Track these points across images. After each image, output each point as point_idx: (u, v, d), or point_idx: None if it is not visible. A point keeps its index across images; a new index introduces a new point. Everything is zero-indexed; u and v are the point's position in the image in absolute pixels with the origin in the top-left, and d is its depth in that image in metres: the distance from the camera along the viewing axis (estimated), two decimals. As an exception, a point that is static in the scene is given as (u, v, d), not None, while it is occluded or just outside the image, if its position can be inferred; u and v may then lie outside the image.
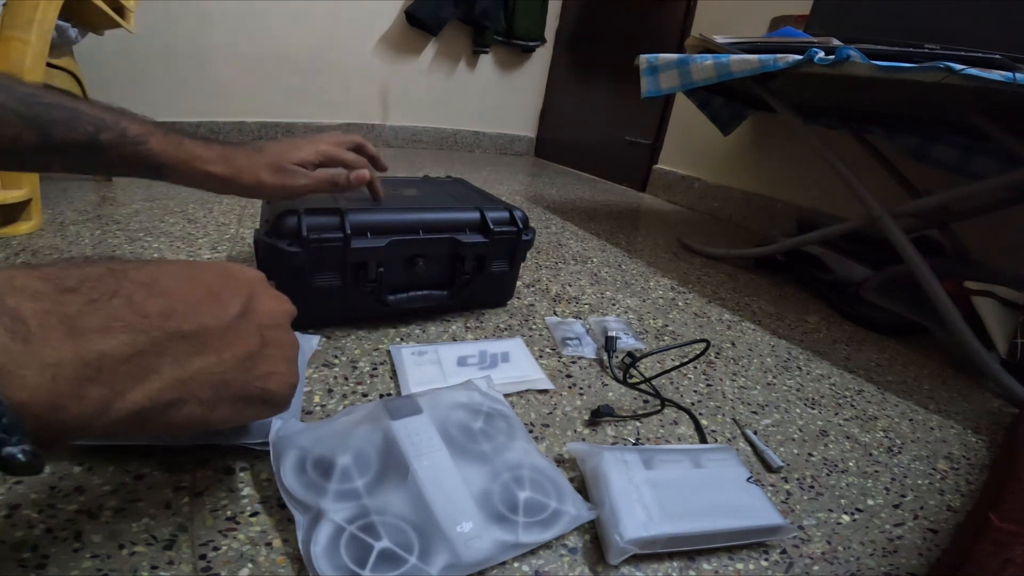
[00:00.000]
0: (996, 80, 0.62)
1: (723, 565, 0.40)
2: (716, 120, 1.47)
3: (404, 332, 0.68)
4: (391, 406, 0.45)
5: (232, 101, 1.92)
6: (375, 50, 2.15)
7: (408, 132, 2.36)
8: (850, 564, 0.42)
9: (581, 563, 0.38)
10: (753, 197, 1.65)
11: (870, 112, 1.14)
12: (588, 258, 1.10)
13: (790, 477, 0.52)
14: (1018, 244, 1.11)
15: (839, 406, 0.67)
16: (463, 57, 2.36)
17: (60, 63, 1.03)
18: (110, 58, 1.59)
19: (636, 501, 0.41)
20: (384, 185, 0.71)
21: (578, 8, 2.38)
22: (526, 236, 0.72)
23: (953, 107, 0.81)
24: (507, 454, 0.44)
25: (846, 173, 0.94)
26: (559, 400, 0.58)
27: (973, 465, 0.59)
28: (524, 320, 0.76)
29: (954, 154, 1.14)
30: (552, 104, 2.59)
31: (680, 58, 1.01)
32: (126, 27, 1.10)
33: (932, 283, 0.79)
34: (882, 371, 0.79)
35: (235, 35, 1.84)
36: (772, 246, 1.10)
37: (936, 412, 0.69)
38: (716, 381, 0.68)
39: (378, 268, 0.64)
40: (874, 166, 1.18)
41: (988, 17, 0.84)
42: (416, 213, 0.67)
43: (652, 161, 2.02)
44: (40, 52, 0.79)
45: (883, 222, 0.87)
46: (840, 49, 0.76)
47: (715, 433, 0.57)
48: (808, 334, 0.89)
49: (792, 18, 1.27)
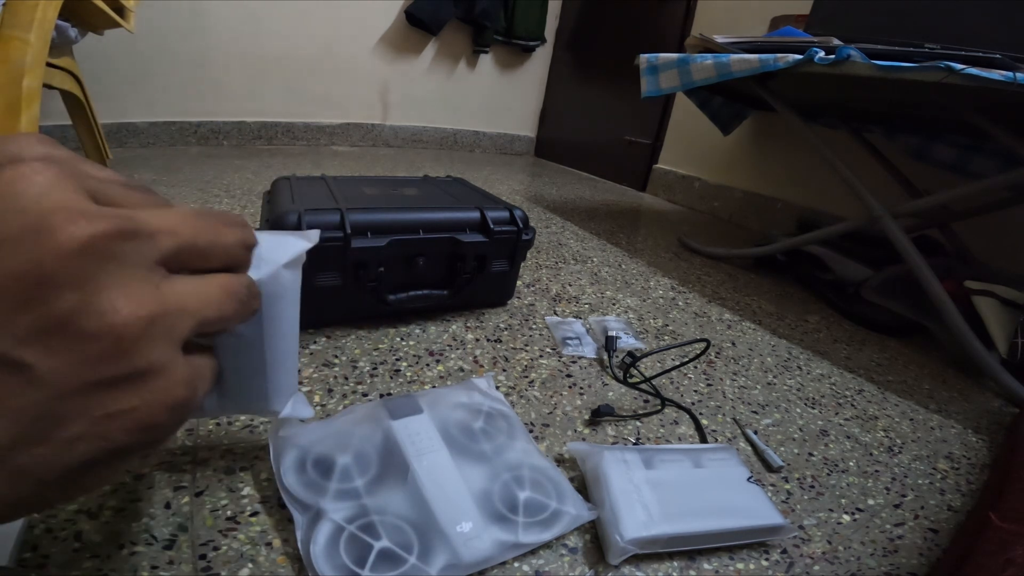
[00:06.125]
0: (996, 80, 0.62)
1: (723, 565, 0.40)
2: (716, 120, 1.47)
3: (404, 332, 0.68)
4: (391, 406, 0.45)
5: (232, 101, 1.92)
6: (375, 50, 2.15)
7: (408, 132, 2.36)
8: (850, 564, 0.42)
9: (581, 563, 0.38)
10: (753, 197, 1.65)
11: (870, 112, 1.14)
12: (588, 258, 1.10)
13: (790, 477, 0.52)
14: (1018, 244, 1.11)
15: (839, 406, 0.67)
16: (463, 57, 2.36)
17: (60, 63, 1.03)
18: (110, 58, 1.59)
19: (636, 501, 0.41)
20: (384, 185, 0.71)
21: (578, 8, 2.38)
22: (526, 236, 0.72)
23: (953, 107, 0.81)
24: (507, 454, 0.44)
25: (846, 173, 0.94)
26: (559, 400, 0.58)
27: (973, 465, 0.59)
28: (524, 320, 0.76)
29: (954, 154, 1.14)
30: (552, 104, 2.59)
31: (680, 58, 1.01)
32: (126, 27, 1.10)
33: (932, 283, 0.79)
34: (882, 371, 0.79)
35: (235, 35, 1.84)
36: (772, 246, 1.10)
37: (936, 412, 0.69)
38: (716, 381, 0.68)
39: (378, 267, 0.64)
40: (874, 166, 1.18)
41: (988, 17, 0.84)
42: (416, 213, 0.67)
43: (652, 161, 2.02)
44: (40, 52, 0.79)
45: (883, 222, 0.86)
46: (840, 49, 0.76)
47: (715, 433, 0.57)
48: (808, 334, 0.89)
49: (792, 18, 1.27)
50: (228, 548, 0.35)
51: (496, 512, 0.39)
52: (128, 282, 0.17)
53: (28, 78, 0.76)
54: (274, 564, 0.35)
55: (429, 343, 0.66)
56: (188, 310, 0.19)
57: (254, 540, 0.36)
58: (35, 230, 0.15)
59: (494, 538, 0.37)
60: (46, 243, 0.15)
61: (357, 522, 0.36)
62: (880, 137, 1.26)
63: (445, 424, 0.45)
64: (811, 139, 0.99)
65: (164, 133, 1.81)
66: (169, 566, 0.33)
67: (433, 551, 0.35)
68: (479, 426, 0.46)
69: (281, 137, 2.07)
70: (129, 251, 0.17)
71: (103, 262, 0.16)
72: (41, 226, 0.15)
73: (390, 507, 0.37)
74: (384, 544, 0.34)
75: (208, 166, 1.55)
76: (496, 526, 0.38)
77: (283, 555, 0.35)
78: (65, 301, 0.15)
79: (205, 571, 0.34)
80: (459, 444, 0.43)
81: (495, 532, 0.37)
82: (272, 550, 0.36)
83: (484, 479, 0.41)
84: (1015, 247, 1.12)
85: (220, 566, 0.34)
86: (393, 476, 0.39)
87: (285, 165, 1.70)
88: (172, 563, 0.34)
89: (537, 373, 0.63)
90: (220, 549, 0.35)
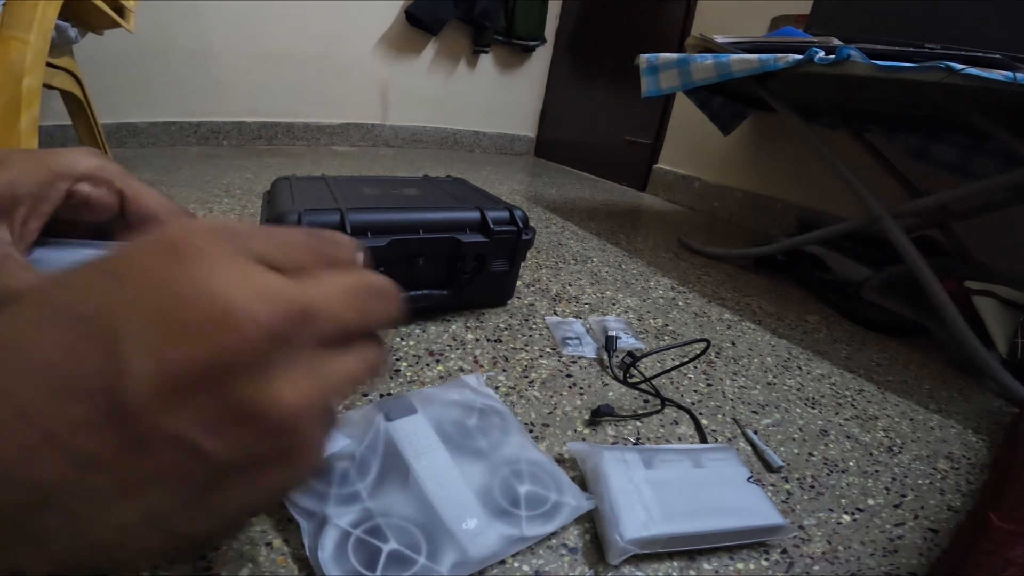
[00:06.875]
0: (996, 80, 0.62)
1: (723, 565, 0.40)
2: (716, 120, 1.47)
3: (404, 332, 0.68)
4: (386, 408, 0.45)
5: (232, 101, 1.92)
6: (375, 50, 2.15)
7: (408, 132, 2.36)
8: (850, 564, 0.42)
9: (581, 563, 0.38)
10: (753, 197, 1.65)
11: (870, 112, 1.14)
12: (588, 258, 1.10)
13: (790, 477, 0.52)
14: (1018, 244, 1.11)
15: (839, 406, 0.67)
16: (463, 57, 2.36)
17: (60, 63, 1.03)
18: (110, 58, 1.59)
19: (636, 501, 0.41)
20: (384, 185, 0.71)
21: (578, 8, 2.38)
22: (526, 236, 0.72)
23: (953, 107, 0.81)
24: (504, 449, 0.44)
25: (846, 173, 0.94)
26: (559, 400, 0.58)
27: (973, 465, 0.59)
28: (524, 320, 0.76)
29: (954, 154, 1.14)
30: (552, 104, 2.59)
31: (680, 58, 1.01)
32: (126, 27, 1.10)
33: (932, 283, 0.79)
34: (882, 371, 0.79)
35: (235, 35, 1.84)
36: (772, 246, 1.10)
37: (936, 412, 0.69)
38: (716, 381, 0.68)
39: (378, 267, 0.63)
40: (874, 166, 1.18)
41: (988, 17, 0.84)
42: (416, 213, 0.67)
43: (652, 161, 2.02)
44: (40, 52, 0.79)
45: (883, 222, 0.87)
46: (840, 49, 0.76)
47: (715, 433, 0.57)
48: (808, 334, 0.89)
49: (792, 18, 1.27)
50: (228, 548, 0.35)
51: (499, 507, 0.39)
52: (296, 367, 0.17)
53: (28, 78, 0.76)
54: (274, 564, 0.35)
55: (429, 343, 0.66)
56: (340, 391, 0.20)
57: (254, 540, 0.36)
58: (218, 318, 0.15)
59: (499, 533, 0.37)
60: (230, 331, 0.15)
61: (363, 526, 0.35)
62: (880, 137, 1.26)
63: (440, 423, 0.45)
64: (811, 139, 0.99)
65: (164, 133, 1.81)
66: (170, 566, 0.33)
67: (441, 550, 0.35)
68: (474, 423, 0.47)
69: (281, 137, 2.07)
70: (299, 335, 0.17)
71: (278, 347, 0.16)
72: (225, 313, 0.15)
73: (394, 509, 0.37)
74: (393, 546, 0.34)
75: (208, 166, 1.55)
76: (500, 521, 0.38)
77: (283, 555, 0.35)
78: (243, 388, 0.16)
79: (205, 571, 0.34)
80: (456, 442, 0.44)
81: (499, 527, 0.37)
82: (272, 550, 0.36)
83: (483, 475, 0.41)
84: (1015, 247, 1.12)
85: (220, 566, 0.34)
86: (394, 478, 0.39)
87: (285, 165, 1.70)
88: (172, 563, 0.34)
89: (537, 373, 0.63)
90: (220, 549, 0.35)
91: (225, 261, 0.16)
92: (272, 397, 0.16)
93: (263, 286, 0.16)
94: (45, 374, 0.15)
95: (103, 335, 0.15)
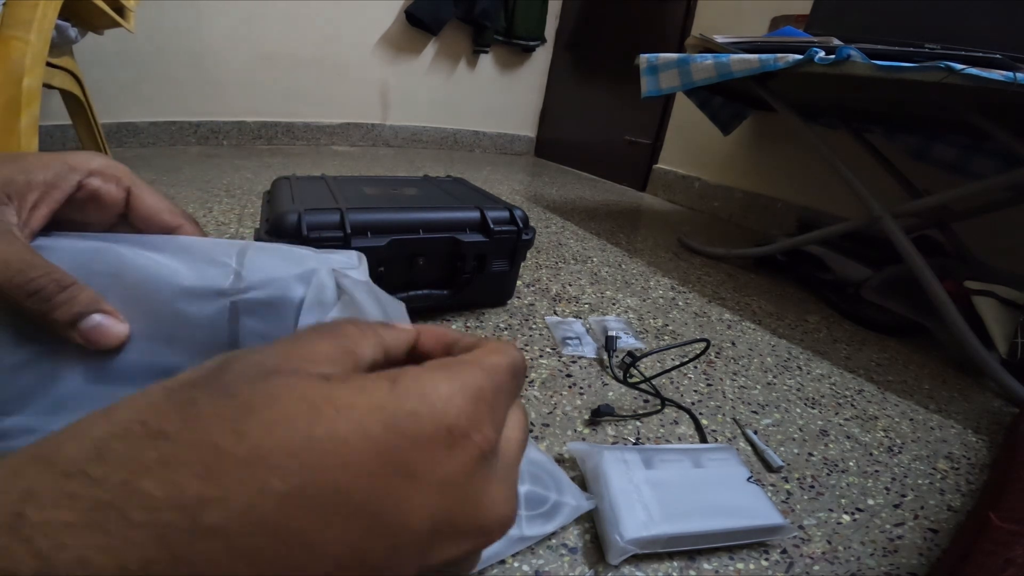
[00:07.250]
0: (996, 80, 0.62)
1: (723, 565, 0.40)
2: (716, 120, 1.47)
3: (404, 332, 0.68)
4: None
5: (232, 101, 1.92)
6: (375, 50, 2.15)
7: (408, 132, 2.36)
8: (850, 564, 0.42)
9: (581, 563, 0.38)
10: (753, 197, 1.65)
11: (870, 112, 1.14)
12: (588, 258, 1.10)
13: (790, 477, 0.52)
14: (1018, 244, 1.11)
15: (839, 406, 0.67)
16: (463, 57, 2.36)
17: (60, 63, 1.03)
18: (110, 58, 1.59)
19: (636, 501, 0.41)
20: (384, 185, 0.71)
21: (578, 8, 2.38)
22: (526, 235, 0.72)
23: (953, 107, 0.81)
24: None
25: (846, 173, 0.94)
26: (559, 400, 0.58)
27: (973, 465, 0.59)
28: (524, 320, 0.76)
29: (954, 154, 1.14)
30: (552, 104, 2.59)
31: (680, 58, 1.01)
32: (126, 27, 1.10)
33: (932, 283, 0.79)
34: (882, 371, 0.79)
35: (235, 35, 1.84)
36: (772, 246, 1.10)
37: (936, 412, 0.69)
38: (716, 381, 0.68)
39: (378, 267, 0.64)
40: (874, 166, 1.18)
41: (988, 17, 0.84)
42: (416, 212, 0.67)
43: (652, 161, 2.02)
44: (40, 52, 0.79)
45: (883, 222, 0.86)
46: (840, 49, 0.76)
47: (715, 433, 0.57)
48: (808, 334, 0.89)
49: (792, 18, 1.27)
50: None
51: None
52: (496, 480, 0.18)
53: (28, 78, 0.76)
54: None
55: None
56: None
57: None
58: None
59: None
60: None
61: None
62: (880, 137, 1.26)
63: None
64: (811, 139, 0.99)
65: (164, 133, 1.81)
66: None
67: None
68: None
69: (281, 137, 2.07)
70: (493, 455, 0.18)
71: (488, 464, 0.17)
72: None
73: None
74: None
75: (208, 166, 1.55)
76: None
77: None
78: (468, 512, 0.17)
79: None
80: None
81: None
82: None
83: (484, 477, 0.41)
84: (1015, 247, 1.12)
85: None
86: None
87: (285, 165, 1.70)
88: None
89: (537, 373, 0.63)
90: None
91: (505, 471, 0.18)
92: (486, 510, 0.17)
93: (485, 414, 0.17)
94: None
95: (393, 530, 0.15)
